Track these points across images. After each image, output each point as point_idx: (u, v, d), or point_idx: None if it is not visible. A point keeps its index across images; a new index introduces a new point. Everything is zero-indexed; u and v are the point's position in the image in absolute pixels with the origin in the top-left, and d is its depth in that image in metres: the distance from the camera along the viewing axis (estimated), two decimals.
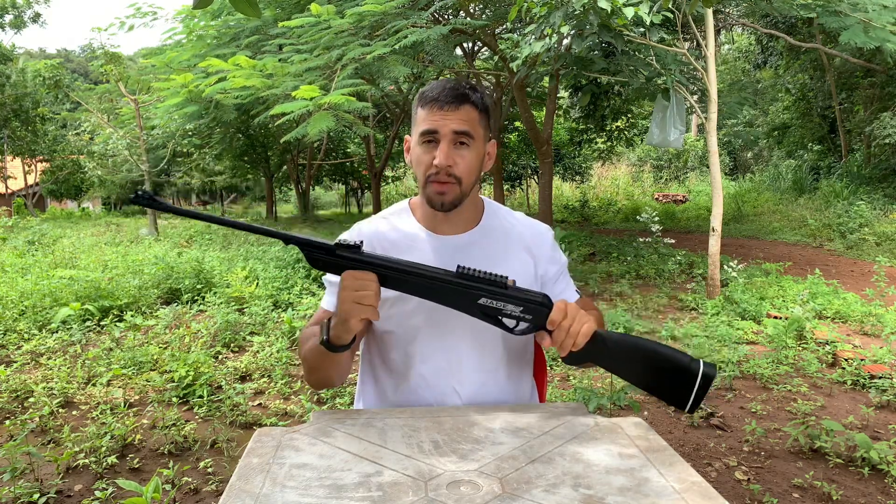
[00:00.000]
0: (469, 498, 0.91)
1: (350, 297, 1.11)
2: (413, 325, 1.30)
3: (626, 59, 6.48)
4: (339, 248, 1.14)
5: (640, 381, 1.19)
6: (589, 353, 1.17)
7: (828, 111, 14.01)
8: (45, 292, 5.21)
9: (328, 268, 1.16)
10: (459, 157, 1.25)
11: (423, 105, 1.27)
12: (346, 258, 1.13)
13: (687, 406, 1.14)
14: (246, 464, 1.01)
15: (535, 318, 1.15)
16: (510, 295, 1.14)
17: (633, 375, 1.19)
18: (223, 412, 3.27)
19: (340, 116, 5.20)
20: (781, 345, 4.32)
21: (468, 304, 1.15)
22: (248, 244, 9.12)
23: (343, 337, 1.16)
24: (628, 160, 21.31)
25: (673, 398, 1.17)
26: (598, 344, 1.17)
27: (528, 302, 1.14)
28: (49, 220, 14.88)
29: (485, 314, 1.15)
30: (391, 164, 18.42)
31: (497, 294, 1.14)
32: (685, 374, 1.14)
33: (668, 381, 1.16)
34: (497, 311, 1.15)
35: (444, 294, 1.15)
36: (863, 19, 5.89)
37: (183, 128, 10.14)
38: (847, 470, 2.73)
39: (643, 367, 1.17)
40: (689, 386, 1.14)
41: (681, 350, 1.19)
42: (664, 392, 1.18)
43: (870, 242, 8.79)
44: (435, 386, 1.31)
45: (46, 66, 13.79)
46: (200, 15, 8.09)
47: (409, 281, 1.14)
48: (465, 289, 1.14)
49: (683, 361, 1.15)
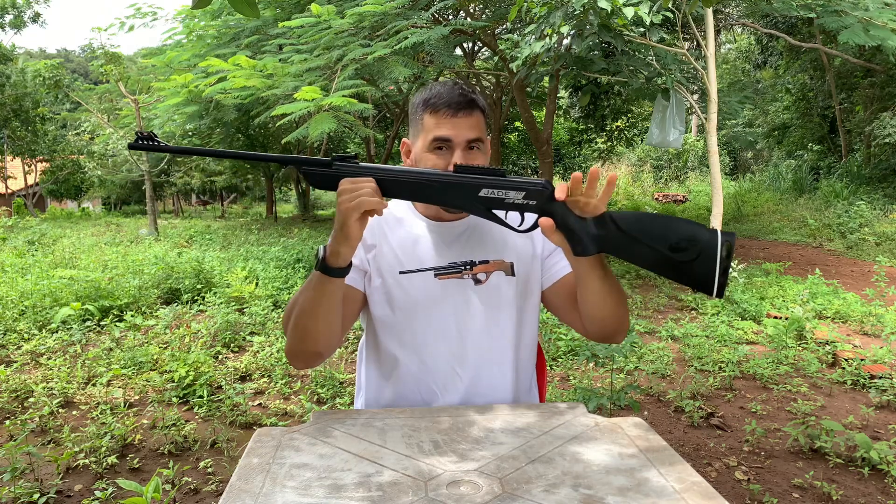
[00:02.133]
0: (469, 498, 0.91)
1: (347, 199, 1.07)
2: (412, 308, 1.30)
3: (626, 59, 6.48)
4: (336, 160, 1.12)
5: (655, 263, 1.11)
6: (598, 238, 1.10)
7: (828, 111, 14.01)
8: (45, 292, 5.21)
9: (327, 183, 1.13)
10: (473, 160, 1.26)
11: (431, 111, 1.26)
12: (344, 169, 1.12)
13: (714, 289, 1.06)
14: (246, 464, 1.01)
15: (538, 203, 1.12)
16: (510, 181, 1.12)
17: (648, 258, 1.11)
18: (223, 412, 3.27)
19: (341, 118, 5.19)
20: (781, 345, 4.32)
21: (470, 198, 1.12)
22: (248, 244, 9.12)
23: (341, 252, 1.11)
24: (628, 160, 21.30)
25: (697, 281, 1.08)
26: (609, 224, 1.10)
27: (529, 185, 1.12)
28: (49, 220, 14.87)
29: (487, 208, 1.13)
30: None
31: (497, 183, 1.11)
32: (705, 248, 1.06)
33: (688, 260, 1.07)
34: (499, 201, 1.12)
35: (444, 192, 1.13)
36: (863, 18, 5.89)
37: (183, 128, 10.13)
38: (847, 470, 2.73)
39: (658, 246, 1.08)
40: (711, 262, 1.05)
41: (695, 222, 1.10)
42: (686, 274, 1.09)
43: (870, 242, 8.79)
44: (436, 368, 1.31)
45: (46, 66, 13.78)
46: (200, 15, 8.09)
47: (407, 184, 1.12)
48: (465, 182, 1.12)
49: (701, 235, 1.07)
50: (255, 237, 10.44)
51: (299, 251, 7.41)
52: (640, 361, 4.09)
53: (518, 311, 1.34)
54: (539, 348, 1.48)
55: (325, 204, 25.21)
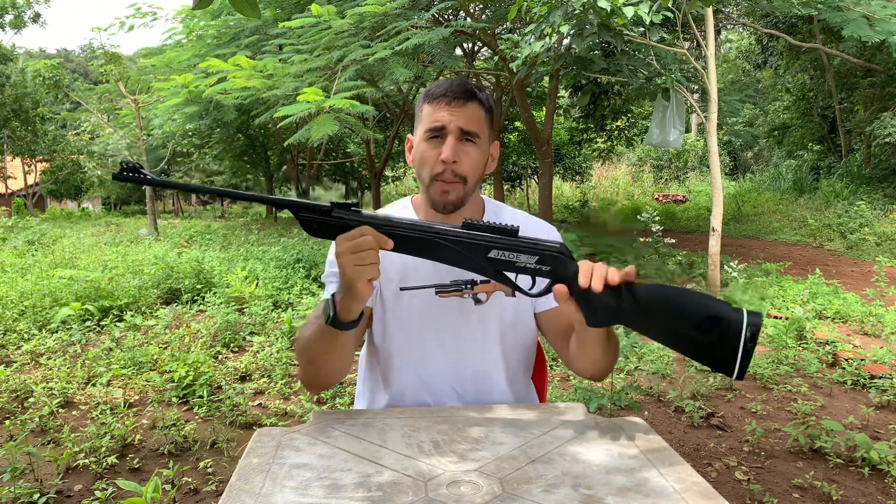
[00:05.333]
0: (469, 498, 0.91)
1: (350, 261, 1.01)
2: (412, 326, 1.30)
3: (626, 59, 6.48)
4: (335, 207, 1.05)
5: (673, 339, 1.04)
6: (613, 310, 1.04)
7: (828, 111, 14.01)
8: (45, 292, 5.21)
9: (324, 231, 1.05)
10: (465, 153, 1.23)
11: (429, 101, 1.25)
12: (343, 219, 1.05)
13: (734, 371, 0.98)
14: (246, 464, 1.01)
15: (552, 269, 1.04)
16: (523, 244, 1.03)
17: (666, 334, 1.04)
18: (223, 412, 3.27)
19: (343, 119, 5.19)
20: (781, 345, 4.32)
21: (479, 259, 1.04)
22: (247, 244, 9.11)
23: (352, 308, 1.07)
24: (628, 160, 21.30)
25: (716, 361, 1.00)
26: (625, 295, 1.03)
27: (543, 250, 1.04)
28: (49, 220, 14.87)
29: (497, 271, 1.05)
30: (391, 164, 18.40)
31: (509, 244, 1.03)
32: (727, 328, 0.97)
33: (708, 339, 0.99)
34: (510, 264, 1.04)
35: (451, 251, 1.04)
36: (866, 13, 5.87)
37: (183, 128, 10.14)
38: (847, 470, 2.73)
39: (677, 321, 1.01)
40: (734, 343, 0.97)
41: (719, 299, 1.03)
42: (705, 353, 1.01)
43: (870, 242, 8.79)
44: (434, 387, 1.31)
45: (46, 66, 13.78)
46: (200, 15, 8.09)
47: (412, 239, 1.05)
48: (474, 241, 1.04)
49: (724, 312, 0.98)
50: (255, 237, 10.44)
51: (299, 251, 7.40)
52: (640, 361, 4.09)
53: (516, 330, 1.34)
54: (539, 348, 1.48)
55: None
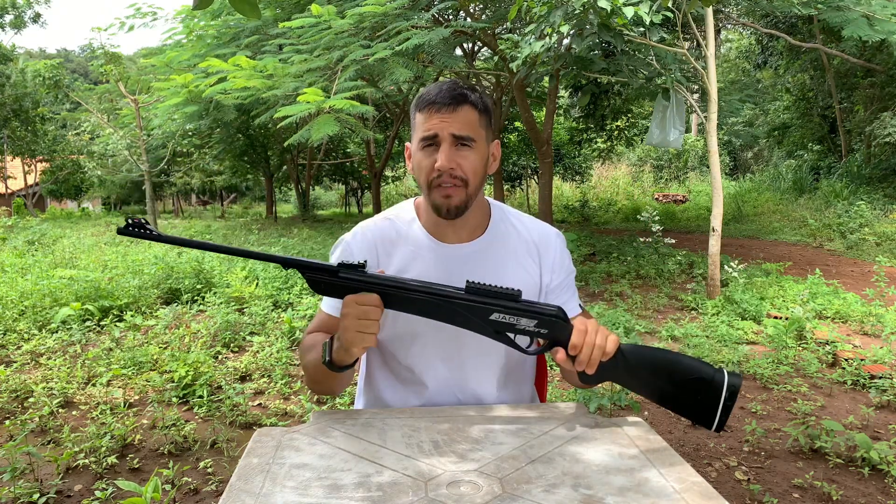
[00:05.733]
0: (469, 498, 0.91)
1: (353, 326, 1.06)
2: (414, 333, 1.29)
3: (626, 59, 6.48)
4: (342, 269, 1.08)
5: (660, 397, 1.13)
6: (606, 370, 1.12)
7: (828, 111, 14.01)
8: (45, 292, 5.21)
9: (331, 291, 1.10)
10: (462, 157, 1.21)
11: (420, 109, 1.23)
12: (350, 280, 1.08)
13: (714, 424, 1.09)
14: (246, 464, 1.01)
15: (550, 332, 1.10)
16: (523, 308, 1.09)
17: (653, 392, 1.13)
18: (223, 412, 3.27)
19: (343, 120, 5.19)
20: (781, 345, 4.32)
21: (480, 321, 1.09)
22: (248, 244, 9.12)
23: (345, 360, 1.13)
24: (628, 160, 21.31)
25: (698, 415, 1.11)
26: (617, 358, 1.12)
27: (542, 315, 1.09)
28: (49, 220, 14.87)
29: (497, 332, 1.10)
30: (391, 164, 18.43)
31: (510, 308, 1.09)
32: (709, 387, 1.08)
33: (692, 397, 1.10)
34: (510, 326, 1.10)
35: (454, 313, 1.09)
36: (866, 13, 5.87)
37: (183, 128, 10.14)
38: (847, 470, 2.73)
39: (664, 381, 1.12)
40: (714, 401, 1.08)
41: (702, 360, 1.14)
42: (688, 409, 1.12)
43: (870, 242, 8.79)
44: (436, 394, 1.31)
45: (46, 66, 13.78)
46: (200, 15, 8.09)
47: (416, 302, 1.09)
48: (476, 305, 1.08)
49: (706, 373, 1.09)
50: (255, 237, 10.44)
51: (299, 251, 7.41)
52: None
53: None
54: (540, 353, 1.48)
55: (325, 204, 25.24)
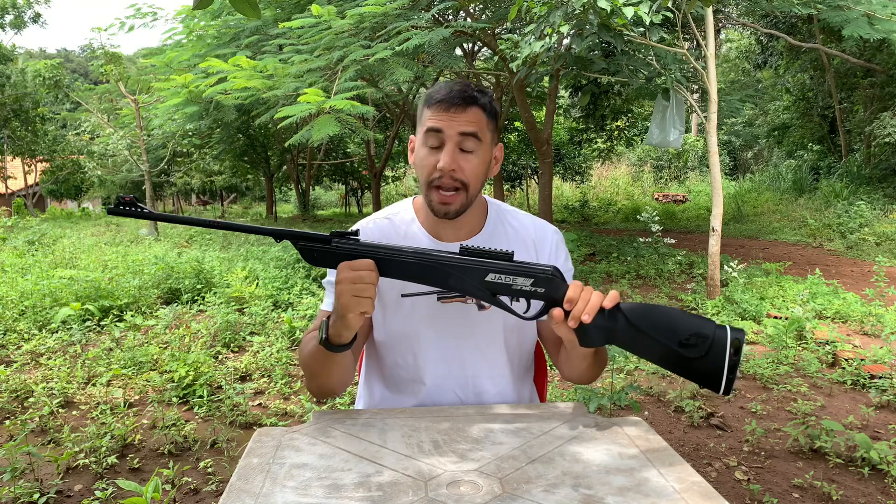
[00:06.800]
0: (469, 498, 0.91)
1: (348, 291, 1.04)
2: (414, 331, 1.29)
3: (626, 59, 6.47)
4: (334, 236, 1.08)
5: (663, 358, 1.08)
6: (605, 332, 1.08)
7: (828, 111, 14.01)
8: (45, 292, 5.21)
9: (324, 260, 1.09)
10: (465, 160, 1.21)
11: (429, 105, 1.24)
12: (343, 248, 1.08)
13: (721, 386, 1.03)
14: (246, 464, 1.01)
15: (546, 291, 1.08)
16: (519, 267, 1.08)
17: (656, 352, 1.08)
18: (223, 412, 3.27)
19: (343, 120, 5.18)
20: (781, 345, 4.32)
21: (476, 283, 1.08)
22: (248, 244, 9.11)
23: (343, 334, 1.10)
24: (628, 160, 21.31)
25: (704, 377, 1.05)
26: (618, 316, 1.08)
27: (538, 273, 1.08)
28: (49, 220, 14.86)
29: (493, 293, 1.09)
30: (391, 164, 18.42)
31: (505, 268, 1.07)
32: (712, 344, 1.03)
33: (696, 355, 1.04)
34: (506, 287, 1.08)
35: (449, 276, 1.08)
36: (867, 12, 5.87)
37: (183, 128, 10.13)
38: (847, 470, 2.73)
39: (666, 340, 1.05)
40: (720, 359, 1.02)
41: (704, 316, 1.06)
42: (692, 371, 1.06)
43: (870, 242, 8.79)
44: (436, 392, 1.31)
45: (46, 66, 13.77)
46: (200, 15, 8.08)
47: (410, 266, 1.08)
48: (471, 267, 1.07)
49: (708, 329, 1.04)
50: (255, 237, 10.42)
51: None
52: (640, 361, 4.09)
53: (519, 334, 1.34)
54: (539, 349, 1.48)
55: (325, 204, 25.23)
